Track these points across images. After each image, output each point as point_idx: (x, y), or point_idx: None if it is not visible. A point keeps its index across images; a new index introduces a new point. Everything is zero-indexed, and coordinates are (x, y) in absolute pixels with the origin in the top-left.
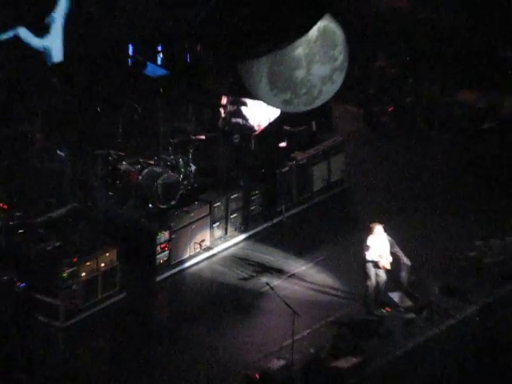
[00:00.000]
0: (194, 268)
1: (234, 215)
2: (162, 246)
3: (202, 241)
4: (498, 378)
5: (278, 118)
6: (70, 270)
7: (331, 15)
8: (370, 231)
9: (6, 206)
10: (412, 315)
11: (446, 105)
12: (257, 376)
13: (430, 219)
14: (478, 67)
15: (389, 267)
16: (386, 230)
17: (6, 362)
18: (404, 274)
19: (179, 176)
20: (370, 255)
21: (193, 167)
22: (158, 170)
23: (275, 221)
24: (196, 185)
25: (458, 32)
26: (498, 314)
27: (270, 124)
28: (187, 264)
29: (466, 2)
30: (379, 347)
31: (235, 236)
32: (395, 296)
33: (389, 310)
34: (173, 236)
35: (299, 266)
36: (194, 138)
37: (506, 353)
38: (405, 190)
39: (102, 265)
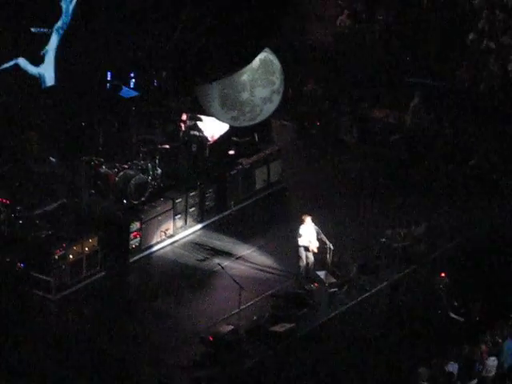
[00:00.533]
0: (160, 252)
1: (193, 209)
2: (134, 233)
3: (167, 230)
4: (405, 340)
5: (228, 130)
6: (60, 253)
7: (270, 48)
8: (301, 222)
9: (8, 201)
10: (335, 289)
11: (363, 120)
12: (210, 338)
13: (351, 212)
14: (388, 90)
15: (316, 251)
16: (314, 221)
17: (8, 329)
18: (328, 256)
19: (148, 178)
20: (301, 241)
21: (159, 170)
22: (131, 172)
23: (225, 213)
24: (162, 185)
25: (372, 65)
26: (403, 288)
27: (222, 136)
28: (155, 248)
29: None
30: (308, 316)
31: (193, 226)
32: (321, 274)
33: (316, 285)
34: (143, 226)
35: (245, 250)
36: (160, 147)
37: (410, 319)
38: (330, 189)
39: (86, 249)
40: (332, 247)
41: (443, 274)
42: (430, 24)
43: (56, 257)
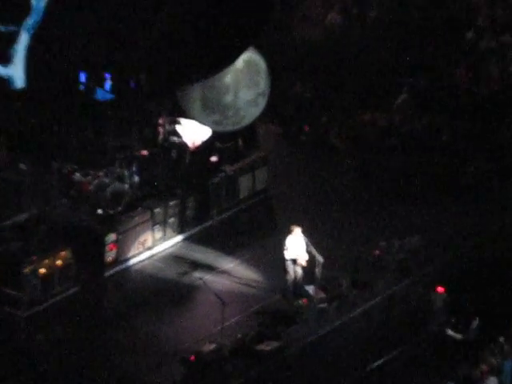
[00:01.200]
0: (138, 265)
1: (172, 219)
2: (110, 245)
3: (145, 241)
4: (400, 359)
5: (211, 135)
6: (31, 266)
7: (255, 48)
8: (289, 233)
9: None
10: (324, 305)
11: (354, 124)
12: (192, 358)
13: (342, 222)
14: (380, 91)
15: (305, 264)
16: (302, 232)
17: None
18: (318, 270)
19: (125, 186)
20: (288, 254)
21: (136, 178)
22: (106, 180)
23: (207, 224)
24: (139, 193)
25: (363, 65)
26: (397, 303)
27: (203, 141)
28: (132, 261)
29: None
30: (296, 333)
31: (173, 237)
32: (310, 289)
33: (305, 301)
34: (119, 237)
35: (228, 263)
36: (137, 153)
37: (405, 336)
38: (320, 197)
39: (59, 262)
40: (322, 260)
41: (440, 289)
42: (426, 21)
43: (26, 271)
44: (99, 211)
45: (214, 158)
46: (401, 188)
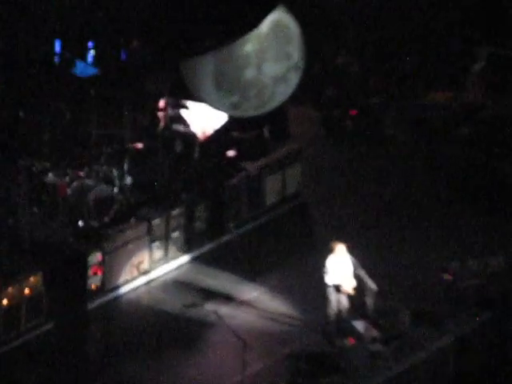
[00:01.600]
0: (131, 294)
1: (176, 234)
2: (94, 269)
3: (140, 263)
4: None
5: (226, 123)
6: None
7: (285, 6)
8: (331, 251)
9: None
10: (379, 347)
11: (416, 107)
12: None
13: (398, 237)
14: (454, 64)
15: (352, 292)
16: (349, 250)
17: None
18: (369, 300)
19: (113, 189)
20: (330, 279)
21: (129, 179)
22: (89, 182)
23: (223, 240)
24: (132, 199)
25: (431, 25)
26: (474, 345)
27: (217, 130)
28: (123, 290)
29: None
30: None
31: (177, 257)
32: (359, 325)
33: (352, 341)
34: (106, 258)
35: (250, 292)
36: (129, 146)
37: None
38: (369, 203)
39: (26, 291)
40: (374, 287)
41: None
42: None
43: None
44: (80, 223)
45: (231, 153)
46: (477, 191)
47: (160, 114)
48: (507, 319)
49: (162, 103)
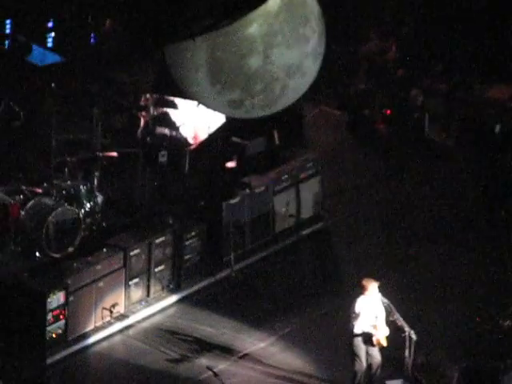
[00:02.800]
0: (102, 345)
1: (161, 268)
2: (55, 312)
3: (114, 305)
4: None
5: (224, 125)
6: None
7: None
8: (361, 291)
9: None
10: None
11: (467, 106)
12: None
13: (444, 271)
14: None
15: (385, 343)
16: (381, 290)
17: None
18: (408, 353)
19: (80, 211)
20: (359, 326)
21: (99, 198)
22: (48, 201)
23: (220, 276)
24: (104, 224)
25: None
26: None
27: (212, 135)
28: (91, 339)
29: None
30: None
31: (162, 298)
32: None
33: None
34: (70, 299)
35: (255, 343)
36: (100, 154)
37: None
38: (406, 229)
39: None
40: (414, 336)
41: None
42: None
43: None
44: (37, 254)
45: (231, 164)
46: None
47: (141, 114)
48: None
49: (143, 100)
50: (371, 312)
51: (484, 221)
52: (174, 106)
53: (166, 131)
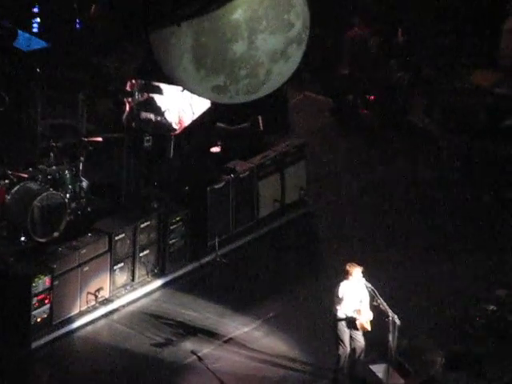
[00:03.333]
0: (87, 329)
1: (145, 252)
2: (39, 297)
3: (99, 290)
4: None
5: (209, 111)
6: None
7: None
8: (344, 276)
9: None
10: None
11: (450, 91)
12: None
13: (428, 257)
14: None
15: (369, 327)
16: (364, 275)
17: None
18: (392, 338)
19: (65, 195)
20: (342, 310)
21: (84, 182)
22: (33, 186)
23: (205, 260)
24: (89, 208)
25: None
26: None
27: (197, 120)
28: (76, 324)
29: None
30: None
31: (147, 283)
32: (379, 369)
33: None
34: (55, 283)
35: (239, 327)
36: (85, 140)
37: None
38: (392, 215)
39: None
40: (398, 321)
41: None
42: None
43: None
44: (22, 238)
45: (215, 149)
46: None
47: (126, 100)
48: None
49: (128, 86)
50: (355, 297)
51: (469, 205)
52: (159, 91)
53: (151, 116)
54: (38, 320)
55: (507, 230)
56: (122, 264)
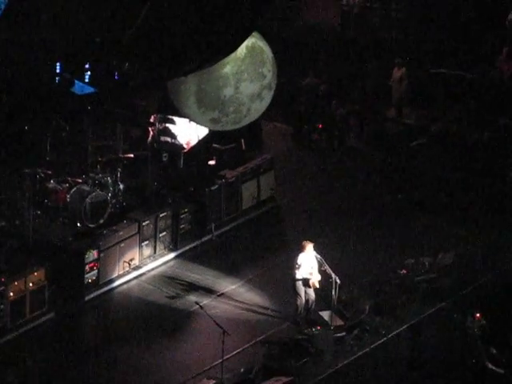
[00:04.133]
0: (123, 287)
1: (163, 234)
2: (90, 265)
3: (131, 260)
4: None
5: (207, 135)
6: None
7: (259, 33)
8: (300, 249)
9: None
10: (342, 334)
11: (377, 121)
12: None
13: (360, 237)
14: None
15: (318, 285)
16: (315, 248)
17: None
18: (334, 293)
19: (108, 194)
20: (299, 273)
21: (121, 185)
22: (86, 188)
23: (205, 239)
24: (124, 203)
25: (388, 53)
26: (427, 332)
27: (199, 142)
28: (116, 283)
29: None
30: (309, 367)
31: (164, 255)
32: (325, 315)
33: (319, 328)
34: (101, 255)
35: (229, 285)
36: (122, 156)
37: (436, 370)
38: (335, 207)
39: (30, 284)
40: (338, 281)
41: (478, 315)
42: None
43: None
44: (78, 225)
45: (211, 162)
46: (431, 196)
47: (149, 128)
48: (455, 308)
49: (152, 118)
50: (308, 264)
51: (388, 199)
52: (173, 122)
53: (168, 139)
54: (89, 281)
55: (413, 222)
56: (147, 242)
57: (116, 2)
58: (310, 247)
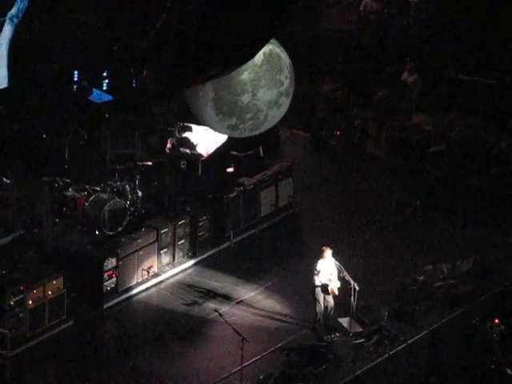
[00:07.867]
0: (142, 295)
1: (182, 241)
2: (109, 272)
3: (150, 267)
4: None
5: (225, 143)
6: (17, 298)
7: (277, 40)
8: (320, 255)
9: None
10: (361, 340)
11: (396, 128)
12: None
13: (379, 243)
14: (427, 90)
15: (337, 292)
16: (334, 255)
17: None
18: (353, 299)
19: (126, 202)
20: (318, 280)
21: (139, 193)
22: (104, 196)
23: (223, 246)
24: (143, 211)
25: (405, 59)
26: (446, 338)
27: (217, 149)
28: (135, 291)
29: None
30: (328, 374)
31: (183, 262)
32: (344, 321)
33: (338, 335)
34: (120, 263)
35: (247, 292)
36: (140, 164)
37: (455, 376)
38: (353, 214)
39: (49, 292)
40: (357, 287)
41: (496, 320)
42: (479, 8)
43: (11, 303)
44: (96, 232)
45: (230, 169)
46: (450, 202)
47: (168, 136)
48: (474, 314)
49: (172, 127)
50: (327, 270)
51: (407, 206)
52: (190, 130)
53: (187, 151)
54: (108, 288)
55: (432, 228)
56: (165, 249)
57: (134, 10)
58: (329, 253)
